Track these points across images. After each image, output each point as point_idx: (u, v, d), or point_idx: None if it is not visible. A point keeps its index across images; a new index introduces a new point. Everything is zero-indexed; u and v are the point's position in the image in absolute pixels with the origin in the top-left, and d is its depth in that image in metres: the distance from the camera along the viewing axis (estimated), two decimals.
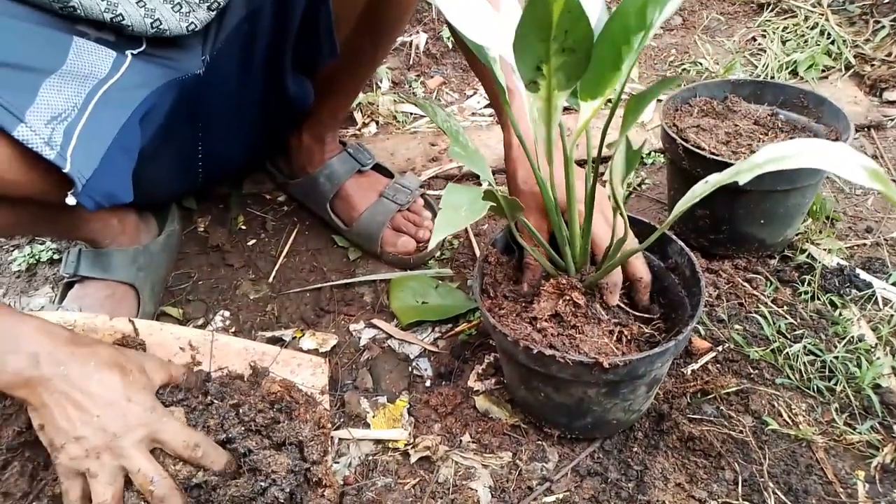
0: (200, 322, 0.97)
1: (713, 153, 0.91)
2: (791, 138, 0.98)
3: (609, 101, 0.62)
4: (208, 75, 0.82)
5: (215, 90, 0.85)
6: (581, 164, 0.68)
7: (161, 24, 0.73)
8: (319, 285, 1.01)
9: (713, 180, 0.59)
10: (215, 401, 0.70)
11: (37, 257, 1.08)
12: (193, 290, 1.02)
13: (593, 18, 0.62)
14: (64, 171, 0.62)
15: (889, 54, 1.40)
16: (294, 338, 0.93)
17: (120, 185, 0.69)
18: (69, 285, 0.92)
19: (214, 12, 0.78)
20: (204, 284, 1.03)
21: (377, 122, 1.38)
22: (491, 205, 0.62)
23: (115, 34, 0.72)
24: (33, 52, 0.64)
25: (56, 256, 1.08)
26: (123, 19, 0.70)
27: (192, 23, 0.76)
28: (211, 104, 0.87)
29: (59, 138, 0.62)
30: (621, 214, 0.67)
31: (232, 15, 0.81)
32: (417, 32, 1.56)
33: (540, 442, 0.78)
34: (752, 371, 0.83)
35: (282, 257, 1.07)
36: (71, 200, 0.64)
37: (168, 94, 0.78)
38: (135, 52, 0.74)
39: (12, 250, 1.11)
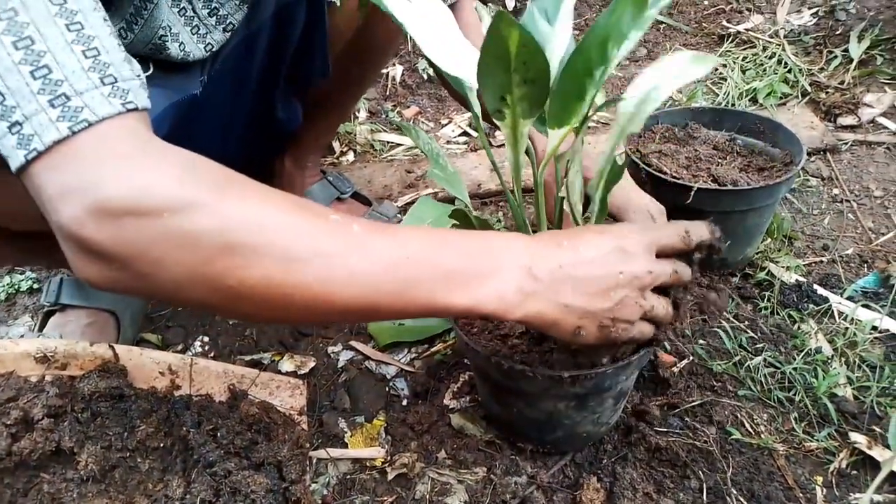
0: (180, 347, 0.98)
1: (674, 177, 0.96)
2: (748, 162, 1.04)
3: (575, 128, 0.66)
4: (204, 95, 0.84)
5: (209, 110, 0.87)
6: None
7: (185, 47, 0.76)
8: None
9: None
10: (192, 430, 0.71)
11: (16, 287, 1.09)
12: (173, 316, 1.04)
13: (561, 51, 0.66)
14: None
15: (842, 82, 1.48)
16: (273, 361, 0.94)
17: None
18: (49, 314, 0.93)
19: (230, 33, 0.81)
20: (183, 310, 1.05)
21: (355, 151, 1.42)
22: (455, 222, 0.65)
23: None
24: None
25: (35, 286, 1.09)
26: (168, 41, 0.73)
27: (209, 44, 0.79)
28: (203, 124, 0.89)
29: None
30: None
31: (232, 36, 0.84)
32: (394, 65, 1.61)
33: (514, 456, 0.80)
34: (715, 384, 0.87)
35: None
36: None
37: (168, 115, 0.80)
38: (141, 76, 0.76)
39: None
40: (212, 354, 0.97)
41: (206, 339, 1.00)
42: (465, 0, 0.92)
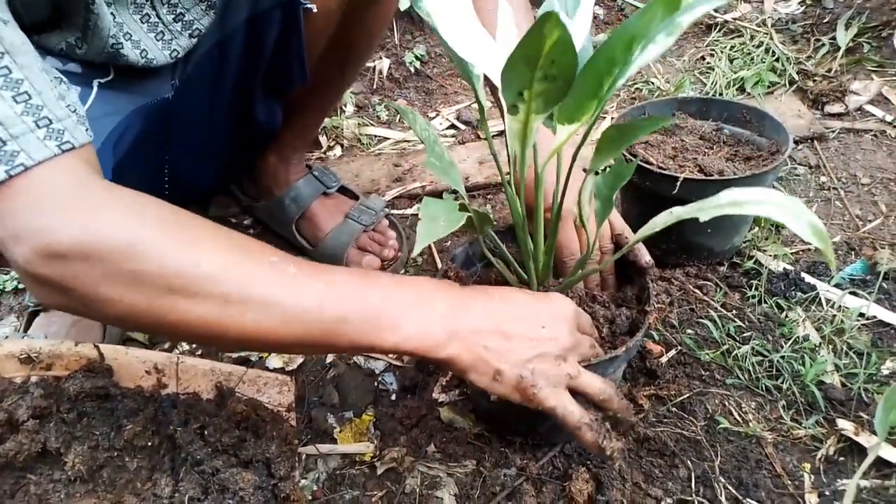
0: (167, 345, 0.98)
1: (660, 167, 0.95)
2: (735, 152, 1.03)
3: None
4: (177, 99, 0.84)
5: (184, 114, 0.87)
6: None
7: (148, 54, 0.76)
8: None
9: (677, 212, 0.62)
10: (179, 428, 0.71)
11: (1, 287, 1.08)
12: None
13: (577, 46, 0.65)
14: None
15: (829, 70, 1.48)
16: (260, 357, 0.94)
17: None
18: (34, 314, 0.92)
19: (196, 39, 0.80)
20: None
21: (342, 145, 1.41)
22: (468, 215, 0.65)
23: (82, 65, 0.74)
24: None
25: (20, 286, 1.08)
26: (122, 48, 0.73)
27: (174, 50, 0.78)
28: (179, 127, 0.89)
29: None
30: (586, 232, 0.71)
31: (204, 40, 0.83)
32: (381, 58, 1.60)
33: (503, 449, 0.80)
34: (703, 373, 0.87)
35: None
36: None
37: (136, 119, 0.80)
38: (102, 81, 0.76)
39: None
40: (199, 352, 0.96)
41: None
42: None
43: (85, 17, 0.69)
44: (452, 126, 1.47)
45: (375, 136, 1.43)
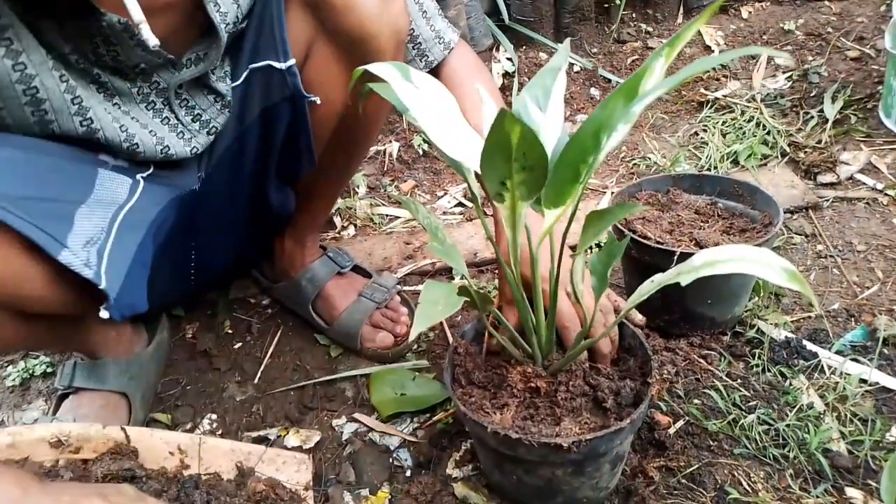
0: (189, 426, 1.01)
1: (658, 242, 1.00)
2: (730, 225, 1.08)
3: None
4: (203, 190, 0.92)
5: (209, 203, 0.95)
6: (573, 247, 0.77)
7: (169, 149, 0.84)
8: (303, 383, 1.07)
9: (658, 279, 0.67)
10: None
11: (31, 371, 1.12)
12: (182, 395, 1.07)
13: (554, 139, 0.71)
14: (100, 287, 0.70)
15: (819, 141, 1.54)
16: (279, 436, 0.97)
17: (139, 296, 0.78)
18: (63, 397, 0.96)
19: (214, 136, 0.89)
20: (192, 389, 1.08)
21: (355, 225, 1.48)
22: (465, 299, 0.69)
23: (129, 161, 0.83)
24: (67, 186, 0.75)
25: (49, 370, 1.13)
26: (138, 147, 0.81)
27: (194, 147, 0.87)
28: (205, 216, 0.96)
29: (94, 259, 0.71)
30: (582, 309, 0.75)
31: (224, 136, 0.92)
32: (390, 141, 1.69)
33: None
34: (711, 443, 0.89)
35: (266, 358, 1.13)
36: (105, 314, 0.72)
37: (171, 210, 0.88)
38: (144, 175, 0.85)
39: (6, 366, 1.15)
40: (220, 432, 0.99)
41: (214, 416, 1.02)
42: (450, 57, 1.00)
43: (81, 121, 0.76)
44: (460, 204, 1.54)
45: (387, 216, 1.50)
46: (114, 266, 0.73)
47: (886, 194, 1.36)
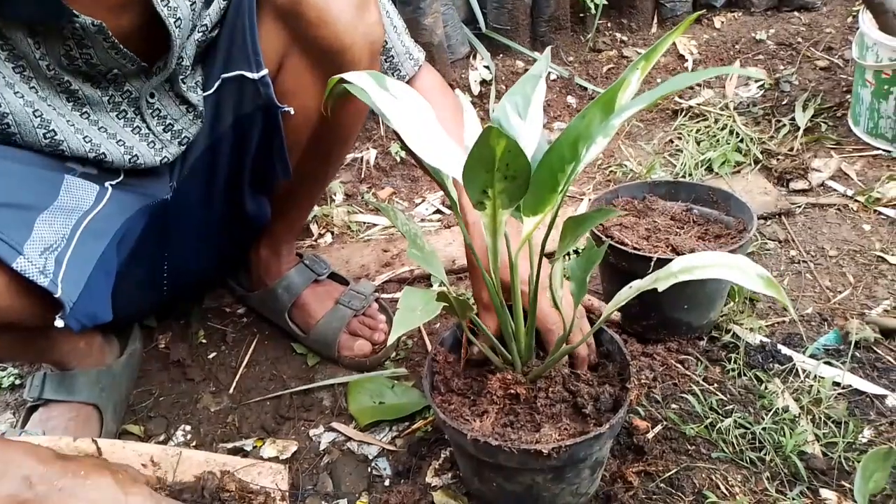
0: (162, 438, 0.99)
1: (635, 248, 1.01)
2: (705, 231, 1.09)
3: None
4: (175, 200, 0.91)
5: (181, 213, 0.93)
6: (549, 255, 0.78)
7: (138, 158, 0.83)
8: (279, 393, 1.05)
9: (636, 286, 0.68)
10: None
11: None
12: (155, 406, 1.05)
13: (534, 145, 0.72)
14: (55, 296, 0.68)
15: (791, 149, 1.57)
16: (255, 447, 0.95)
17: (101, 306, 0.76)
18: (32, 409, 0.94)
19: (185, 146, 0.88)
20: (165, 400, 1.06)
21: (332, 233, 1.47)
22: (444, 304, 0.69)
23: (98, 168, 0.81)
24: (29, 192, 0.73)
25: (18, 381, 1.10)
26: (106, 156, 0.79)
27: (165, 157, 0.86)
28: (177, 226, 0.95)
29: (51, 267, 0.69)
30: (561, 312, 0.76)
31: (196, 145, 0.91)
32: (368, 149, 1.68)
33: None
34: (689, 447, 0.89)
35: (242, 368, 1.11)
36: (59, 323, 0.69)
37: (140, 218, 0.86)
38: (114, 182, 0.83)
39: None
40: (194, 443, 0.97)
41: (188, 427, 1.00)
42: (419, 73, 1.01)
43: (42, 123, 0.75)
44: (438, 211, 1.54)
45: (364, 223, 1.49)
46: (73, 274, 0.71)
47: (856, 200, 1.39)
